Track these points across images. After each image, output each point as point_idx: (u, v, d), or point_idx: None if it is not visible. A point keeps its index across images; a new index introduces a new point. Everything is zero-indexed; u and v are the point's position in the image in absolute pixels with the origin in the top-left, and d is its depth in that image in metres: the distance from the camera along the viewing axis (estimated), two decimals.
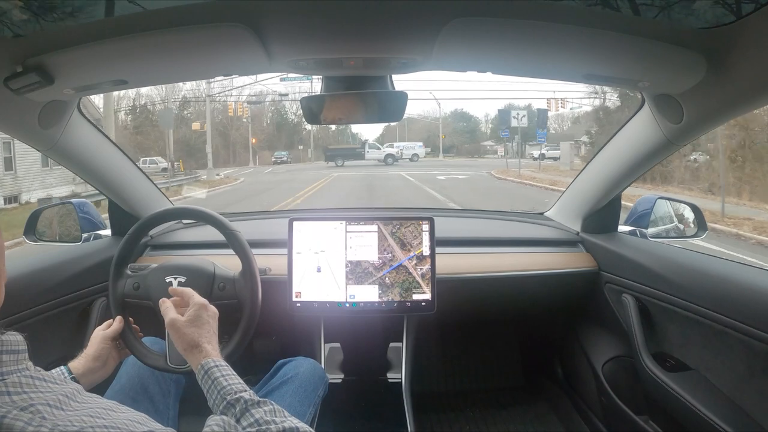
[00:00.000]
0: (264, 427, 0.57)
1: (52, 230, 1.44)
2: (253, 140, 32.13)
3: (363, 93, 0.94)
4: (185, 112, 32.45)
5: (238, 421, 0.60)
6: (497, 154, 32.37)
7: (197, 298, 0.82)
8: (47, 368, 0.48)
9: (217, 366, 0.69)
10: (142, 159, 20.47)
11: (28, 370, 0.43)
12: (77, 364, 0.83)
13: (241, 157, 32.07)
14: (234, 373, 0.69)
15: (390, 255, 1.21)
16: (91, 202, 1.48)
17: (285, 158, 31.15)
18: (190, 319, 0.77)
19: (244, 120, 32.24)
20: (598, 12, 0.66)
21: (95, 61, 0.75)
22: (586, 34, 0.70)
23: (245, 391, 0.64)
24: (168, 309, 0.80)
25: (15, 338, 0.44)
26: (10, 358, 0.42)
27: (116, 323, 0.91)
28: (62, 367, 0.81)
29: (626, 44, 0.71)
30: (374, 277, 1.20)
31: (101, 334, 0.89)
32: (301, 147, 35.78)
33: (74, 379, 0.80)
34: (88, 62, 0.75)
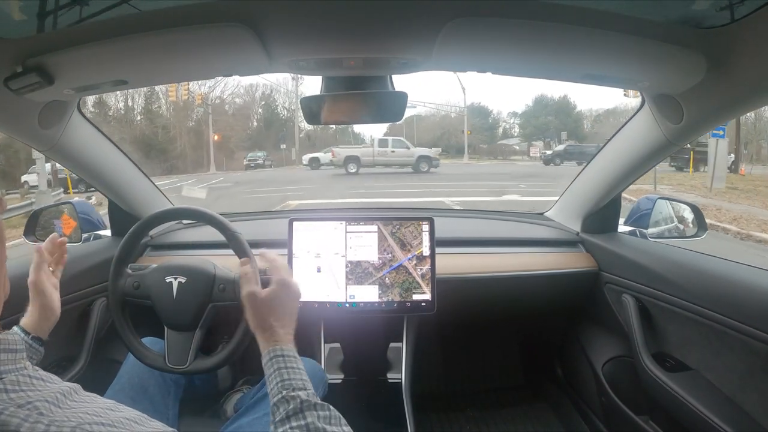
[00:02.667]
0: None
1: (52, 230, 1.44)
2: (216, 137, 25.73)
3: (363, 93, 0.93)
4: (153, 106, 27.35)
5: (288, 418, 0.58)
6: (529, 156, 27.04)
7: (282, 273, 0.75)
8: (46, 368, 0.48)
9: (283, 356, 0.66)
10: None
11: (26, 369, 0.43)
12: (29, 321, 0.75)
13: (216, 160, 25.26)
14: (299, 366, 0.65)
15: (390, 255, 1.21)
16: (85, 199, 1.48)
17: (261, 161, 24.02)
18: (269, 296, 0.72)
19: (200, 108, 25.87)
20: (598, 12, 0.66)
21: (95, 61, 0.75)
22: (586, 34, 0.70)
23: (304, 389, 0.61)
24: (248, 279, 0.75)
25: (13, 337, 0.44)
26: (8, 356, 0.42)
27: (36, 256, 0.78)
28: (16, 328, 0.73)
29: (626, 44, 0.71)
30: (374, 278, 1.20)
31: (41, 282, 0.77)
32: (283, 146, 27.50)
33: (36, 339, 0.74)
34: (88, 62, 0.75)
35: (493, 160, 27.33)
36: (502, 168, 18.30)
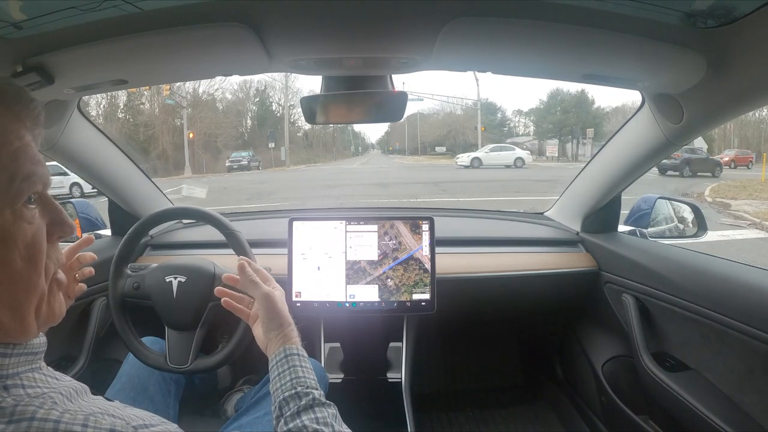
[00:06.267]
0: (320, 428, 0.57)
1: None
2: (190, 134, 23.26)
3: (363, 92, 0.94)
4: (137, 102, 24.74)
5: (298, 413, 0.58)
6: (546, 155, 25.09)
7: (275, 282, 0.76)
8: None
9: (298, 355, 0.66)
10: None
11: (41, 369, 0.44)
12: None
13: (197, 161, 22.49)
14: (311, 368, 0.67)
15: (390, 255, 1.21)
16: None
17: (246, 162, 21.89)
18: (280, 296, 0.73)
19: (168, 101, 22.64)
20: (598, 12, 0.66)
21: (95, 61, 0.75)
22: (586, 34, 0.70)
23: (317, 389, 0.63)
24: (259, 280, 0.73)
25: (37, 341, 0.44)
26: (28, 359, 0.43)
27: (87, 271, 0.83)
28: None
29: (626, 44, 0.71)
30: (374, 277, 1.20)
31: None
32: (271, 145, 25.34)
33: None
34: (88, 62, 0.75)
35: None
36: (534, 171, 15.46)
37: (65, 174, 12.35)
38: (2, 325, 0.40)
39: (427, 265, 1.20)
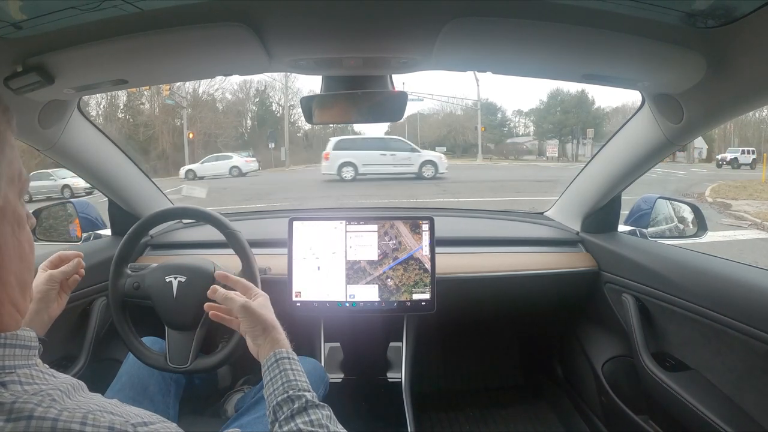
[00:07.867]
0: (315, 430, 0.58)
1: (52, 230, 1.44)
2: (190, 134, 23.39)
3: (363, 92, 0.94)
4: (137, 102, 24.66)
5: (292, 416, 0.60)
6: (546, 156, 24.99)
7: (257, 289, 0.80)
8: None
9: (288, 358, 0.68)
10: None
11: (37, 366, 0.44)
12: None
13: (195, 161, 20.23)
14: (302, 370, 0.68)
15: (390, 254, 1.21)
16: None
17: None
18: (260, 303, 0.75)
19: (168, 101, 22.60)
20: (598, 12, 0.66)
21: (95, 61, 0.75)
22: (586, 34, 0.70)
23: (309, 391, 0.64)
24: (234, 294, 0.77)
25: (29, 334, 0.45)
26: (23, 352, 0.43)
27: (68, 265, 0.81)
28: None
29: (626, 44, 0.71)
30: (374, 277, 1.20)
31: (47, 273, 0.79)
32: (271, 145, 24.54)
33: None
34: (88, 62, 0.75)
35: (508, 160, 24.73)
36: (535, 171, 15.13)
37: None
38: (14, 300, 0.44)
39: (427, 265, 1.20)
